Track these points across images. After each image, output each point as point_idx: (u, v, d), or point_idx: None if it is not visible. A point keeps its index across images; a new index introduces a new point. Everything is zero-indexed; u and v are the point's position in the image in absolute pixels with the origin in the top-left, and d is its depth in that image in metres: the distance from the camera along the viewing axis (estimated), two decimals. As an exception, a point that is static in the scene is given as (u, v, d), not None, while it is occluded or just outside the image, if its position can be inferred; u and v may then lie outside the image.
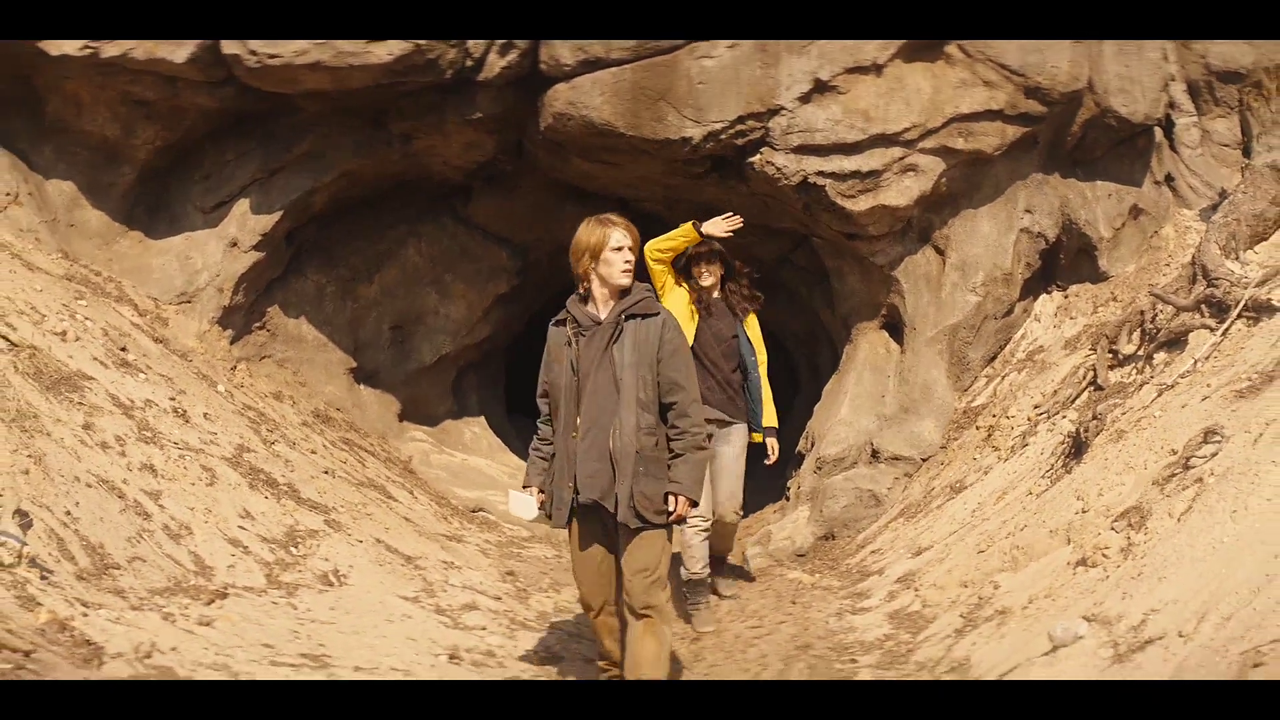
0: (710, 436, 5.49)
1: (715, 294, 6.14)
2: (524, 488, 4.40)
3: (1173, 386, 6.19)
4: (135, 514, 5.25)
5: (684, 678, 5.00)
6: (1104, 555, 4.78)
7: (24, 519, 4.66)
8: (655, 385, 4.09)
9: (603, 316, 4.18)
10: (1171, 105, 9.46)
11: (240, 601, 4.86)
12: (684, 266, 6.14)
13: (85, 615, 4.15)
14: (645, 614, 4.10)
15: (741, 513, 6.21)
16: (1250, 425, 4.96)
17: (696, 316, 6.03)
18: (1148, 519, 4.80)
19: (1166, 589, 4.17)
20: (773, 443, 6.21)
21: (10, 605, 3.93)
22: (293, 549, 5.72)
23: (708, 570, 6.02)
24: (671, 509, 4.09)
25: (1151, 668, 3.72)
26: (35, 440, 5.24)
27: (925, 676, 4.71)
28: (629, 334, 4.12)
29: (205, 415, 6.82)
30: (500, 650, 5.13)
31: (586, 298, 4.25)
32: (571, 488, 4.14)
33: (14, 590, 4.06)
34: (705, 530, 5.92)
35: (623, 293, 4.19)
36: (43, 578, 4.32)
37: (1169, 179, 9.27)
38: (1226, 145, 9.93)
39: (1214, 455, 4.93)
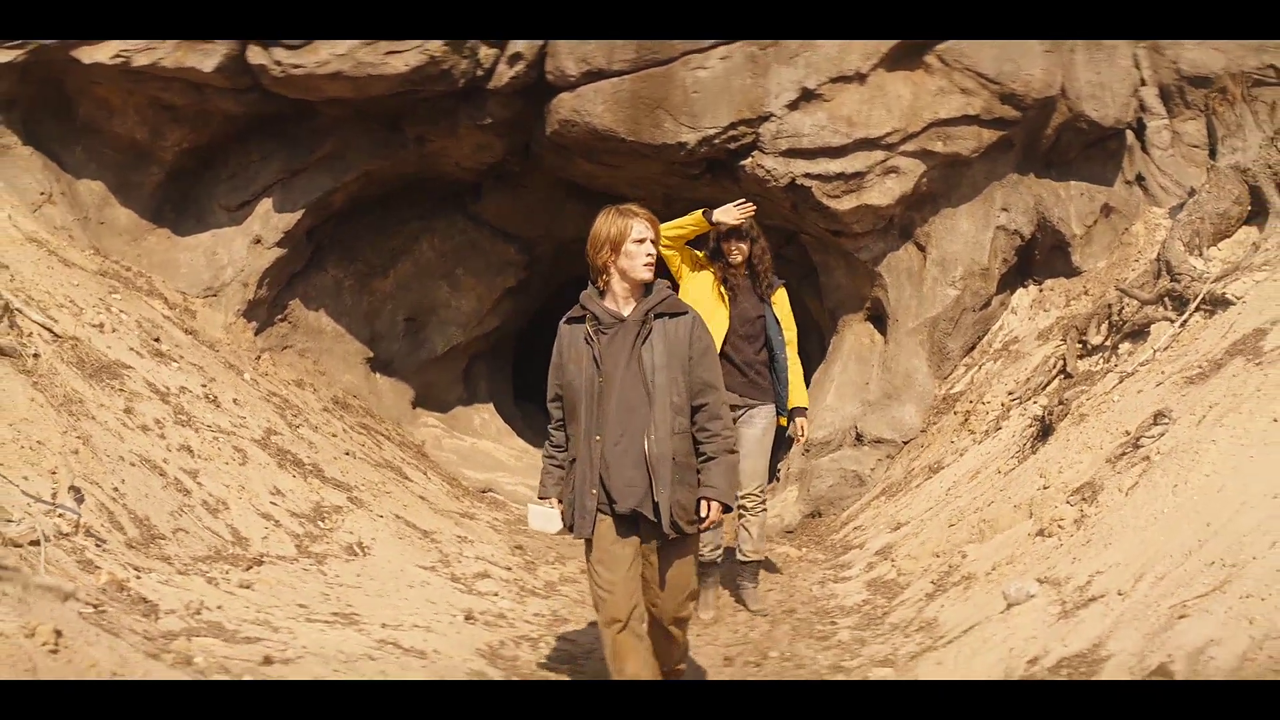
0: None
1: (743, 272, 5.76)
2: (540, 499, 4.04)
3: (1132, 374, 6.55)
4: (176, 490, 5.63)
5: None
6: (1059, 526, 5.15)
7: (76, 494, 5.03)
8: (687, 387, 3.80)
9: (625, 313, 3.84)
10: (1143, 109, 9.80)
11: (275, 568, 5.24)
12: (714, 245, 5.78)
13: (139, 578, 4.53)
14: (672, 630, 3.98)
15: (764, 496, 5.78)
16: (1196, 409, 5.32)
17: (726, 301, 5.69)
18: (1099, 493, 5.17)
19: (1111, 554, 4.54)
20: (801, 422, 5.79)
21: (74, 568, 4.31)
22: (320, 523, 6.10)
23: (718, 554, 5.78)
24: (703, 515, 3.80)
25: (1093, 621, 4.10)
26: (82, 423, 5.60)
27: (898, 636, 5.09)
28: (658, 334, 3.79)
29: (234, 401, 7.18)
30: (511, 613, 5.51)
31: (604, 293, 3.89)
32: (596, 495, 3.76)
33: (74, 555, 4.44)
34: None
35: (645, 289, 3.87)
36: (98, 545, 4.70)
37: (1140, 179, 9.62)
38: (1196, 146, 10.25)
39: (1161, 435, 5.30)
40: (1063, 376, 7.59)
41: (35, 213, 8.17)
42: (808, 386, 9.23)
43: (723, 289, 5.69)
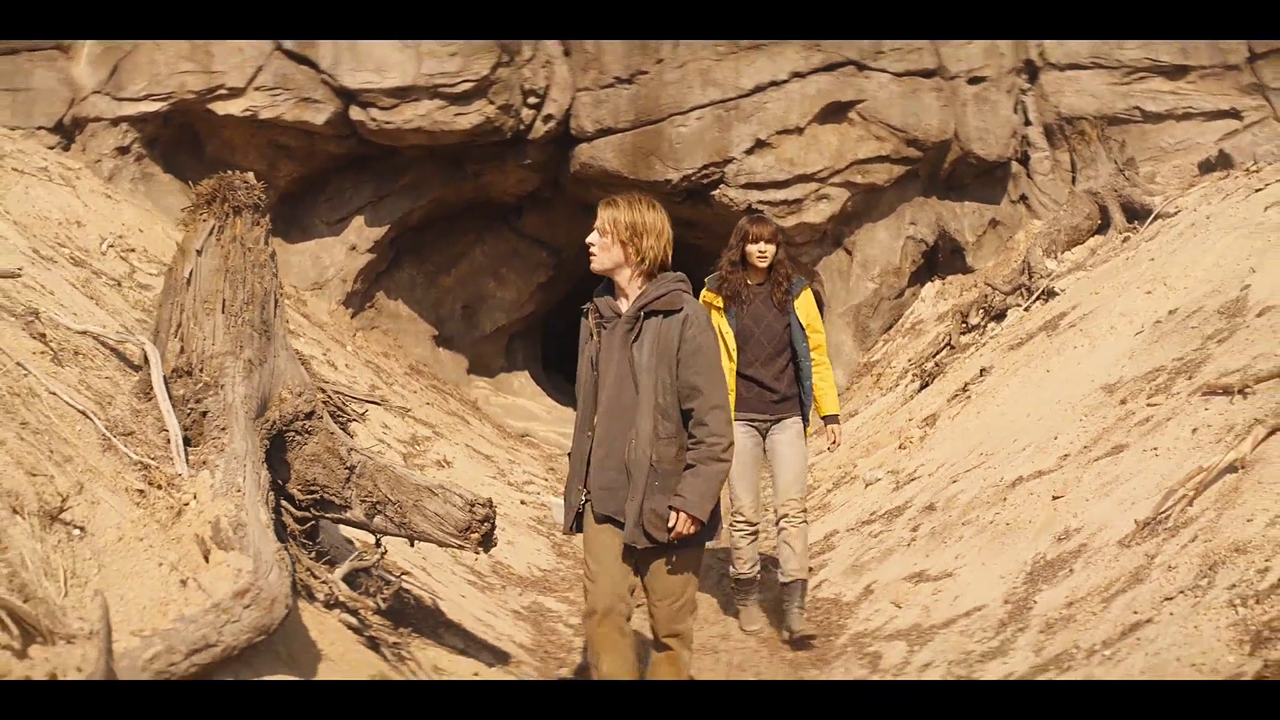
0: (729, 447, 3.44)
1: (759, 282, 4.92)
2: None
3: (984, 344, 8.60)
4: (322, 422, 7.72)
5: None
6: (910, 441, 7.23)
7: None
8: (675, 389, 3.32)
9: (624, 309, 3.41)
10: (1029, 143, 11.79)
11: (394, 471, 7.35)
12: (738, 256, 4.92)
13: (316, 470, 6.64)
14: (668, 643, 3.45)
15: (804, 506, 5.10)
16: (1006, 365, 7.38)
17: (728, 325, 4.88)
18: (937, 420, 7.25)
19: (931, 454, 6.63)
20: (834, 429, 5.16)
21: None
22: (416, 446, 8.20)
23: (756, 570, 5.16)
24: (672, 525, 3.28)
25: (909, 490, 6.19)
26: (255, 378, 7.69)
27: (808, 516, 7.17)
28: (649, 332, 3.33)
29: (345, 365, 9.26)
30: (549, 503, 7.62)
31: (612, 287, 3.46)
32: (582, 491, 3.42)
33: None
34: (750, 533, 5.08)
35: (655, 283, 3.38)
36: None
37: (1024, 198, 11.61)
38: (1071, 172, 12.27)
39: (982, 382, 7.37)
40: (948, 348, 9.64)
41: (179, 226, 10.17)
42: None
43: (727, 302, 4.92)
